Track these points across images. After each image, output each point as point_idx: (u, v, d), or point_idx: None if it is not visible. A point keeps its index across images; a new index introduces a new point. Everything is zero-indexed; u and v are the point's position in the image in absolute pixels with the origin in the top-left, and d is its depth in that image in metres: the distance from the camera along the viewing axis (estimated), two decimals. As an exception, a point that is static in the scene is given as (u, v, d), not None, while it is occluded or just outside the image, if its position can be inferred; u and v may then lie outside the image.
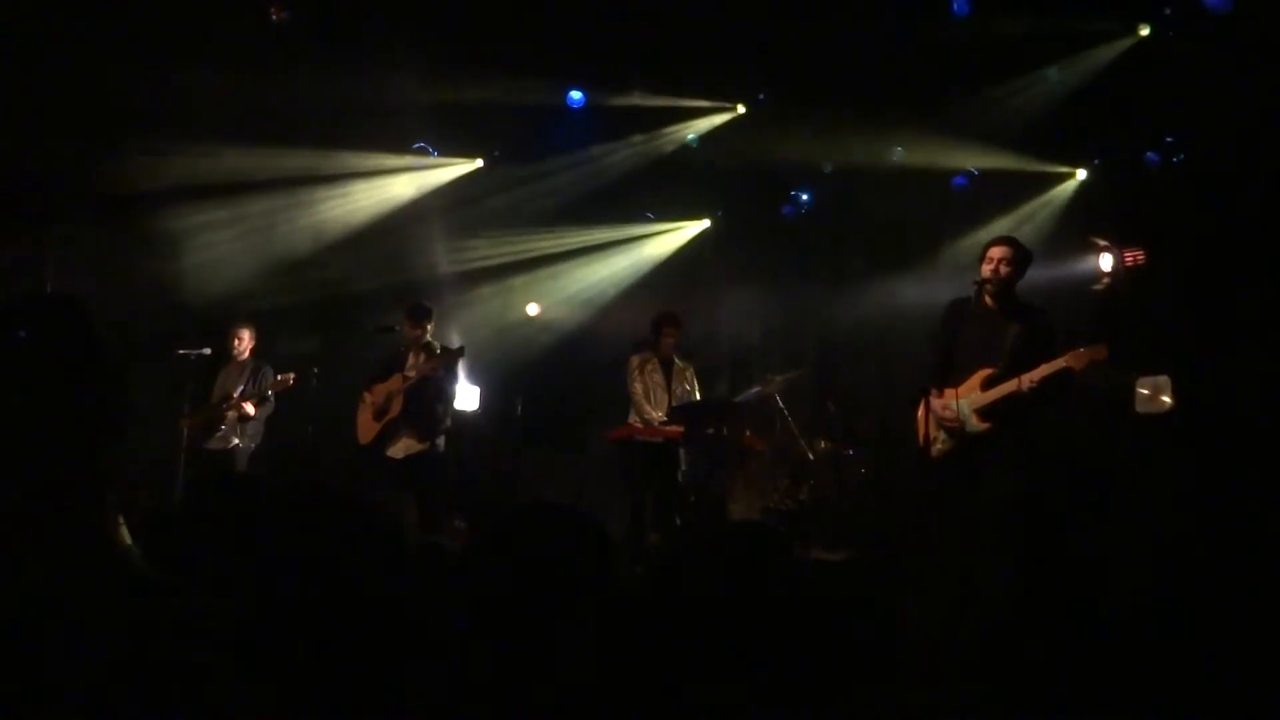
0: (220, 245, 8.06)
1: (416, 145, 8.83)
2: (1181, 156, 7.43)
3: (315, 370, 7.19)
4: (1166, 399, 6.78)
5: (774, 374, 8.14)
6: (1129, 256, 5.59)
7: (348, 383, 7.25)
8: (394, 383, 6.77)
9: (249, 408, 6.99)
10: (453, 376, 6.90)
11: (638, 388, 6.52)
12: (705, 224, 9.56)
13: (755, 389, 7.95)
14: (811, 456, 8.07)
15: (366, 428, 6.86)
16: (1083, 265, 7.67)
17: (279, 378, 6.97)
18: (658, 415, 6.39)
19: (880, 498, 7.91)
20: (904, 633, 2.69)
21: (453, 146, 8.84)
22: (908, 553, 6.03)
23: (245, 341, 7.24)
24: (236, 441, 7.04)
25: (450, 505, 7.30)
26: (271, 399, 7.10)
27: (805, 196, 9.30)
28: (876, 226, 8.37)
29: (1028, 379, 4.63)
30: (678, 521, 6.30)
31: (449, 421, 6.94)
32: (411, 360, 6.82)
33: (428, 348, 6.85)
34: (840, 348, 8.70)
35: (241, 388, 7.06)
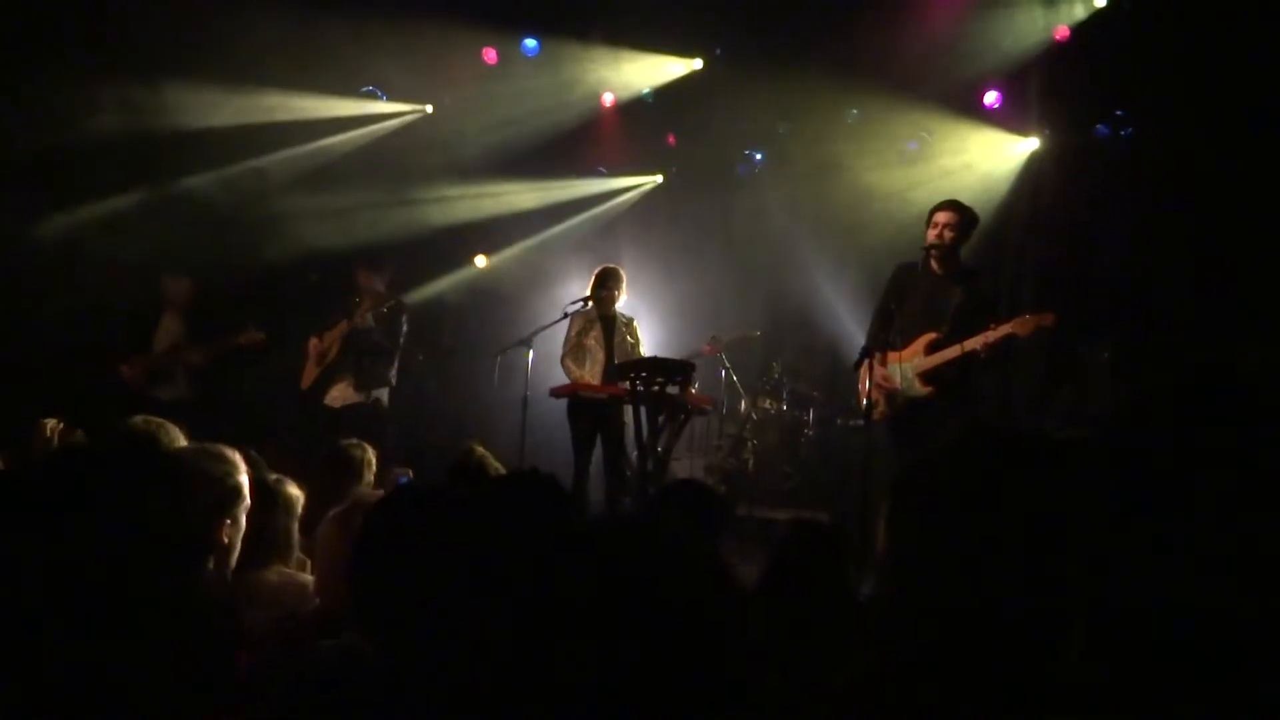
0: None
1: (365, 88, 8.58)
2: (1130, 130, 7.51)
3: (252, 327, 6.95)
4: None
5: (722, 333, 8.15)
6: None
7: (293, 334, 7.11)
8: (339, 329, 6.76)
9: (201, 357, 6.85)
10: (393, 332, 6.80)
11: (569, 354, 6.44)
12: (658, 179, 9.48)
13: (702, 347, 7.95)
14: (756, 417, 8.12)
15: (308, 373, 6.86)
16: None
17: (250, 333, 6.77)
18: (587, 378, 6.31)
19: (823, 459, 8.00)
20: (852, 592, 2.71)
21: (402, 91, 8.61)
22: (850, 513, 6.09)
23: (182, 291, 7.10)
24: (188, 393, 6.87)
25: (392, 458, 7.20)
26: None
27: (759, 156, 9.25)
28: (829, 187, 8.35)
29: (973, 344, 4.67)
30: (626, 478, 6.27)
31: (393, 377, 6.88)
32: (361, 309, 6.76)
33: (376, 298, 6.78)
34: (789, 309, 8.72)
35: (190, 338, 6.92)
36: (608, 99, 8.76)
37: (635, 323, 6.61)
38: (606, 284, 6.44)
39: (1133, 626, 1.10)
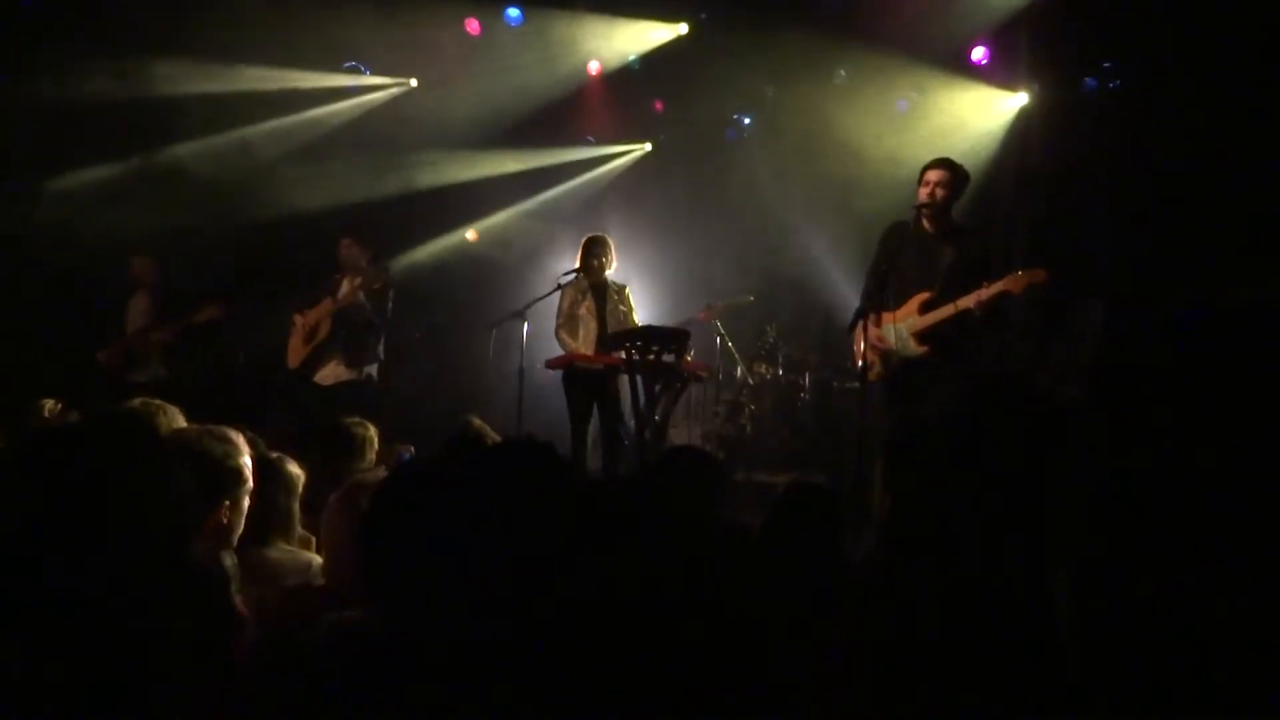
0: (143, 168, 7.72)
1: (348, 64, 8.50)
2: (1118, 82, 7.47)
3: (211, 304, 6.91)
4: None
5: (715, 299, 8.14)
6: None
7: (282, 310, 7.09)
8: (324, 307, 6.73)
9: (168, 337, 6.84)
10: (383, 308, 6.79)
11: (563, 325, 6.41)
12: (646, 147, 9.42)
13: (696, 314, 7.95)
14: (752, 382, 8.13)
15: (295, 351, 6.84)
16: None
17: (207, 309, 6.76)
18: (581, 349, 6.29)
19: (820, 421, 8.03)
20: (844, 553, 2.72)
21: (385, 65, 8.53)
22: (848, 475, 6.11)
23: (150, 270, 7.08)
24: (164, 373, 6.86)
25: (392, 434, 7.20)
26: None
27: (747, 120, 9.19)
28: (819, 149, 8.31)
29: (966, 302, 4.66)
30: (625, 446, 6.28)
31: (382, 352, 6.87)
32: (345, 285, 6.74)
33: (362, 273, 6.76)
34: (782, 272, 8.71)
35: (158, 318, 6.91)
36: (594, 67, 8.68)
37: (628, 290, 6.58)
38: (594, 252, 6.40)
39: (1123, 586, 1.11)
